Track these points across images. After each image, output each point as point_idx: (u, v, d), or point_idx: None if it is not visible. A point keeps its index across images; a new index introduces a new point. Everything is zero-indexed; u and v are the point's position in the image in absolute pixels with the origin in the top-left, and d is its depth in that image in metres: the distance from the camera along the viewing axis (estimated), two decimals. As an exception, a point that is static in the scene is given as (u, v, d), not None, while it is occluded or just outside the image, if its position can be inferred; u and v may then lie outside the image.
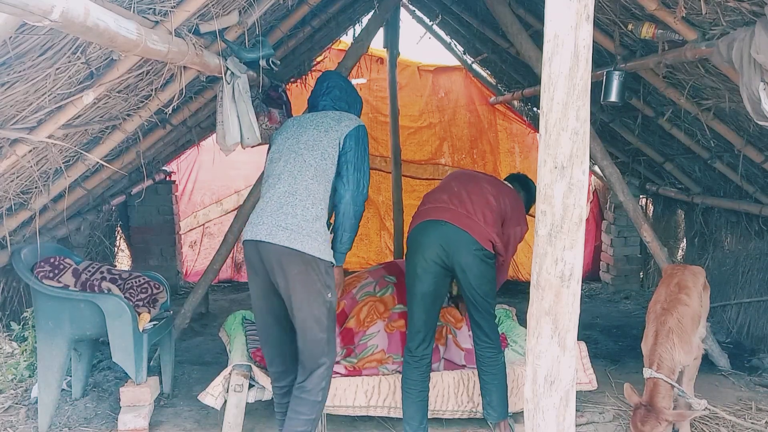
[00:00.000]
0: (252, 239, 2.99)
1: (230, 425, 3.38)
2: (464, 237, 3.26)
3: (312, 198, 2.99)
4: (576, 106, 1.97)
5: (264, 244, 2.93)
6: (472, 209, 3.35)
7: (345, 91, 3.35)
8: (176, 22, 2.70)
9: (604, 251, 7.05)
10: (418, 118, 7.57)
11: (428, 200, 3.51)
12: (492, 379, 3.38)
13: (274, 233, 2.91)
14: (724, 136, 4.35)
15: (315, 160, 3.04)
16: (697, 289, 3.46)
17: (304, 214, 2.95)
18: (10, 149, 2.84)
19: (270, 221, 2.95)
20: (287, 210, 2.95)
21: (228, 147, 3.53)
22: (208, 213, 7.41)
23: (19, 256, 3.52)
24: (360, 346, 3.77)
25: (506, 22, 4.54)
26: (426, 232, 3.32)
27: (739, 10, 2.88)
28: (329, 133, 3.09)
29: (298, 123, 3.23)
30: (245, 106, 3.43)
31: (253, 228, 3.00)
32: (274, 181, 3.08)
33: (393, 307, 3.87)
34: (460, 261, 3.26)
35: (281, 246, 2.89)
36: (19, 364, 3.89)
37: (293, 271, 2.90)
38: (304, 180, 3.01)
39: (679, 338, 3.22)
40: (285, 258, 2.90)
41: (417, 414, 3.34)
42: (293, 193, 2.98)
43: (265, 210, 3.01)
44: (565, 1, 1.92)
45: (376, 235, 7.59)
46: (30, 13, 1.52)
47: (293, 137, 3.15)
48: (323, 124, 3.14)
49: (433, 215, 3.35)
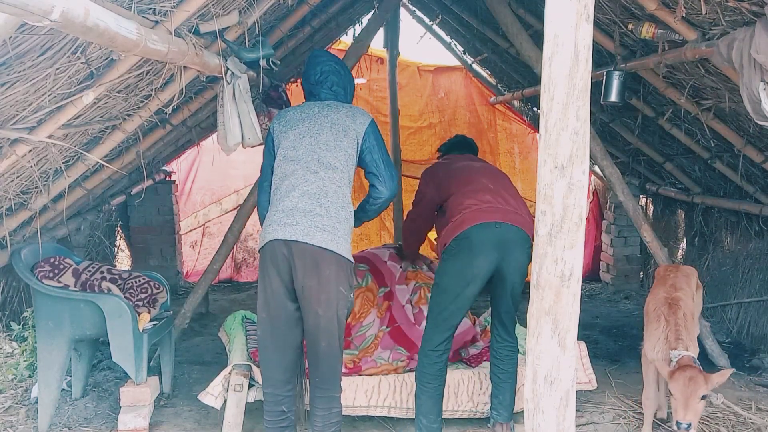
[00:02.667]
0: (285, 239, 2.89)
1: (230, 425, 3.38)
2: (521, 235, 3.25)
3: (341, 200, 2.98)
4: (576, 106, 1.97)
5: (300, 244, 2.87)
6: (515, 205, 3.33)
7: (340, 75, 3.26)
8: (176, 22, 2.70)
9: (604, 251, 7.05)
10: (418, 118, 7.58)
11: (470, 202, 3.33)
12: (508, 377, 3.38)
13: (312, 234, 2.87)
14: (724, 136, 4.36)
15: (339, 162, 3.02)
16: (690, 289, 3.56)
17: (337, 216, 2.94)
18: (10, 149, 2.85)
19: (305, 221, 2.89)
20: (321, 211, 2.91)
21: (229, 147, 3.53)
22: (208, 213, 7.41)
23: (19, 256, 3.52)
24: (358, 338, 3.85)
25: (506, 22, 4.55)
26: (481, 235, 3.21)
27: (739, 10, 2.88)
28: (348, 134, 3.06)
29: (309, 118, 3.10)
30: (246, 106, 3.44)
31: (285, 228, 2.90)
32: (298, 181, 2.98)
33: (378, 291, 4.07)
34: (513, 260, 3.24)
35: (319, 247, 2.87)
36: (19, 364, 3.88)
37: (327, 271, 2.88)
38: (333, 182, 2.98)
39: (688, 331, 3.30)
40: (321, 259, 2.87)
41: (435, 407, 3.30)
42: (325, 195, 2.95)
43: (296, 210, 2.92)
44: (565, 1, 1.92)
45: (376, 235, 7.59)
46: (30, 13, 1.52)
47: (310, 135, 3.04)
48: (339, 123, 3.07)
49: (484, 217, 3.24)
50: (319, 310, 2.91)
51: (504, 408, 3.39)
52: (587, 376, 3.71)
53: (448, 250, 3.29)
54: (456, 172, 3.59)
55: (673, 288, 3.49)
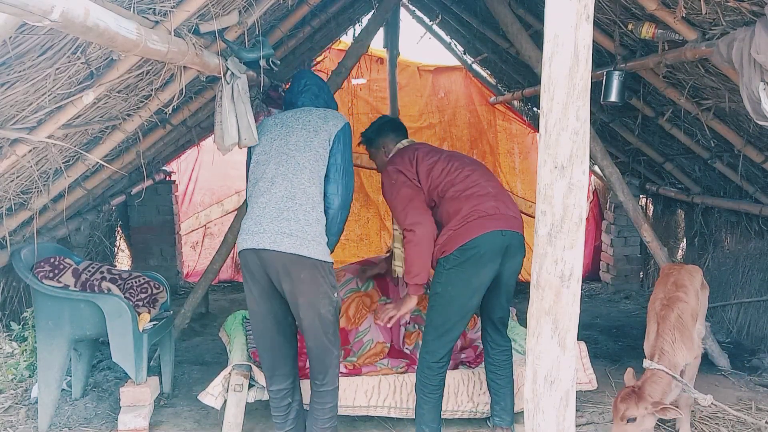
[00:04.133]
0: (253, 248, 2.92)
1: (230, 425, 3.38)
2: (520, 239, 3.25)
3: (311, 201, 2.95)
4: (576, 106, 1.97)
5: (268, 252, 2.88)
6: (514, 208, 3.30)
7: (322, 89, 3.31)
8: (176, 22, 2.70)
9: (604, 251, 7.05)
10: (418, 119, 7.58)
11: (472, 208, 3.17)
12: (507, 382, 3.37)
13: (279, 241, 2.87)
14: (724, 136, 4.35)
15: (309, 162, 2.99)
16: (694, 288, 3.49)
17: (306, 219, 2.91)
18: (10, 149, 2.84)
19: (272, 228, 2.89)
20: (288, 215, 2.90)
21: (225, 147, 3.53)
22: (209, 213, 7.42)
23: (19, 256, 3.52)
24: (357, 344, 3.81)
25: (506, 22, 4.55)
26: (489, 244, 3.13)
27: (739, 10, 2.88)
28: (319, 133, 3.04)
29: (281, 122, 3.15)
30: (244, 106, 3.43)
31: (253, 236, 2.93)
32: (266, 185, 3.00)
33: (379, 298, 3.98)
34: (514, 265, 3.24)
35: (287, 253, 2.86)
36: (19, 364, 3.89)
37: (300, 275, 2.88)
38: (301, 183, 2.96)
39: (680, 333, 3.24)
40: (292, 264, 2.88)
41: (437, 414, 3.30)
42: (292, 198, 2.93)
43: (263, 216, 2.94)
44: (565, 1, 1.92)
45: (376, 235, 7.60)
46: (30, 13, 1.52)
47: (281, 138, 3.07)
48: (311, 123, 3.08)
49: (490, 226, 3.15)
50: (300, 312, 2.96)
51: (507, 413, 3.37)
52: (587, 376, 3.71)
53: (450, 259, 3.14)
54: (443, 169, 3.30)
55: (674, 287, 3.42)
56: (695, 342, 3.36)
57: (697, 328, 3.43)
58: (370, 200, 7.58)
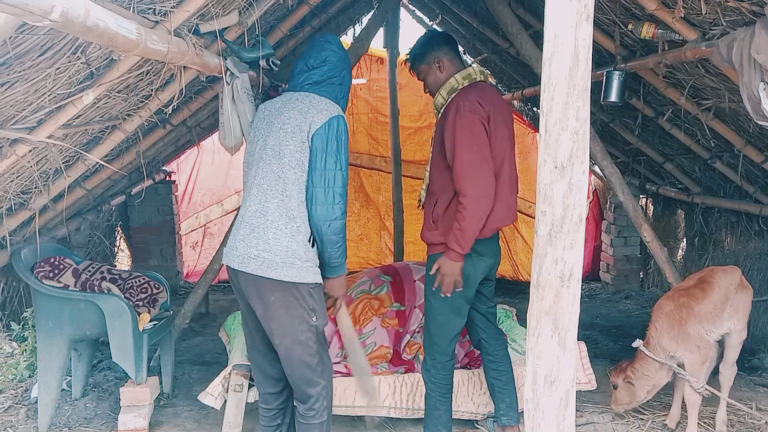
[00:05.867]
0: (228, 264, 2.82)
1: (230, 425, 3.39)
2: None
3: (285, 216, 2.68)
4: (576, 106, 1.97)
5: (237, 273, 2.76)
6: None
7: (337, 67, 2.89)
8: (176, 22, 2.70)
9: (604, 251, 7.05)
10: (418, 119, 7.57)
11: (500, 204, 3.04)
12: (508, 379, 3.33)
13: (246, 262, 2.70)
14: (724, 136, 4.35)
15: (283, 171, 2.69)
16: (721, 288, 3.52)
17: (276, 237, 2.66)
18: (10, 149, 2.84)
19: (242, 248, 2.72)
20: (258, 234, 2.69)
21: (230, 146, 3.53)
22: (209, 213, 7.42)
23: (19, 256, 3.52)
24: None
25: (506, 22, 4.54)
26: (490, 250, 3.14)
27: (739, 10, 2.87)
28: (295, 136, 2.70)
29: (267, 117, 2.85)
30: (244, 106, 3.43)
31: (228, 252, 2.81)
32: (246, 195, 2.83)
33: (390, 304, 3.90)
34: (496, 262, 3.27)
35: (254, 275, 2.68)
36: (19, 364, 3.89)
37: (270, 298, 2.68)
38: (275, 197, 2.70)
39: (668, 323, 3.41)
40: (261, 287, 2.69)
41: (450, 413, 3.28)
42: (264, 213, 2.70)
43: (237, 233, 2.78)
44: (565, 1, 1.92)
45: (376, 235, 7.59)
46: (30, 13, 1.52)
47: (262, 138, 2.81)
48: (289, 123, 2.73)
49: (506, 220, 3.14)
50: (274, 338, 2.76)
51: (513, 410, 3.32)
52: (587, 377, 3.71)
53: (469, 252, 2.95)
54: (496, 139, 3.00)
55: (698, 281, 3.59)
56: (692, 338, 3.41)
57: (705, 327, 3.45)
58: (370, 200, 7.57)
